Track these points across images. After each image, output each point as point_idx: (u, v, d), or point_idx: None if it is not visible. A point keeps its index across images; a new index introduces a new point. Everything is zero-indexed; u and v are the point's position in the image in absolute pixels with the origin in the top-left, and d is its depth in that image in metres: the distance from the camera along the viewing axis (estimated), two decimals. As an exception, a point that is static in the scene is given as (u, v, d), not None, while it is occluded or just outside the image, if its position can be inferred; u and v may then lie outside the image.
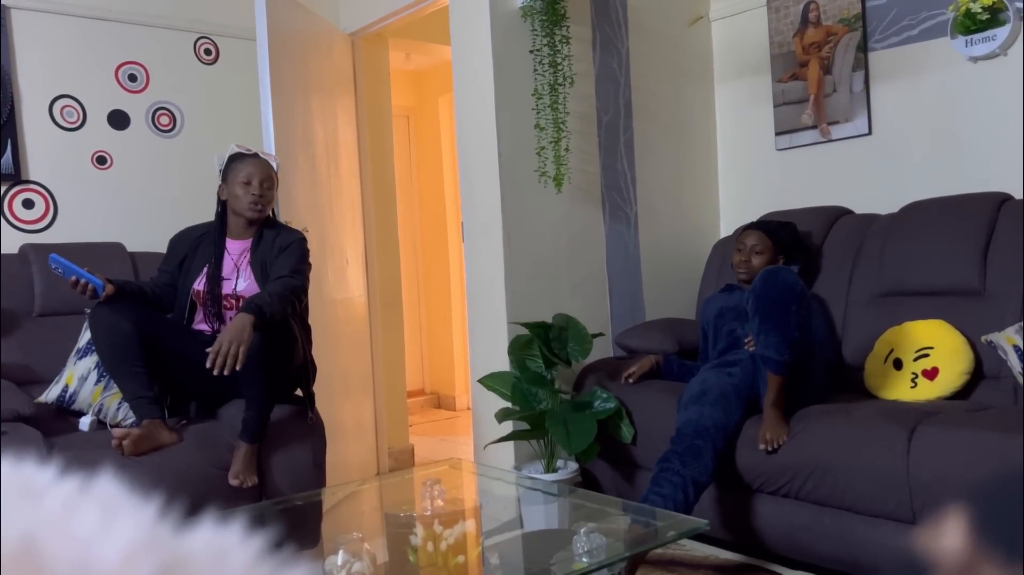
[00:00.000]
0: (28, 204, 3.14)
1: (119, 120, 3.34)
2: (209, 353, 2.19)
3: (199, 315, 2.59)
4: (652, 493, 2.22)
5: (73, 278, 2.32)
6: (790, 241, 2.77)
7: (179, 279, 2.60)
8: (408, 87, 5.57)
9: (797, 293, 2.28)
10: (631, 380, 2.76)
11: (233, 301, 2.56)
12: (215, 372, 2.14)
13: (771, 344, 2.24)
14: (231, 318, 2.54)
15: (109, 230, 3.25)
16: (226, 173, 2.59)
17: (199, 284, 2.56)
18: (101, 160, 3.30)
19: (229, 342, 2.15)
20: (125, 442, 2.25)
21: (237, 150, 2.62)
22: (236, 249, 2.61)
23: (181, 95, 3.48)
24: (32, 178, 3.15)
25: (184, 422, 2.51)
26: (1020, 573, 0.29)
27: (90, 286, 2.33)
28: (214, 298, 2.53)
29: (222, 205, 2.62)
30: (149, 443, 2.30)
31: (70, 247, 3.01)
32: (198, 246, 2.61)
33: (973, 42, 2.76)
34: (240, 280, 2.57)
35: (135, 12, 3.37)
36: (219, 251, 2.58)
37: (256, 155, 2.61)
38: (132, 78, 3.38)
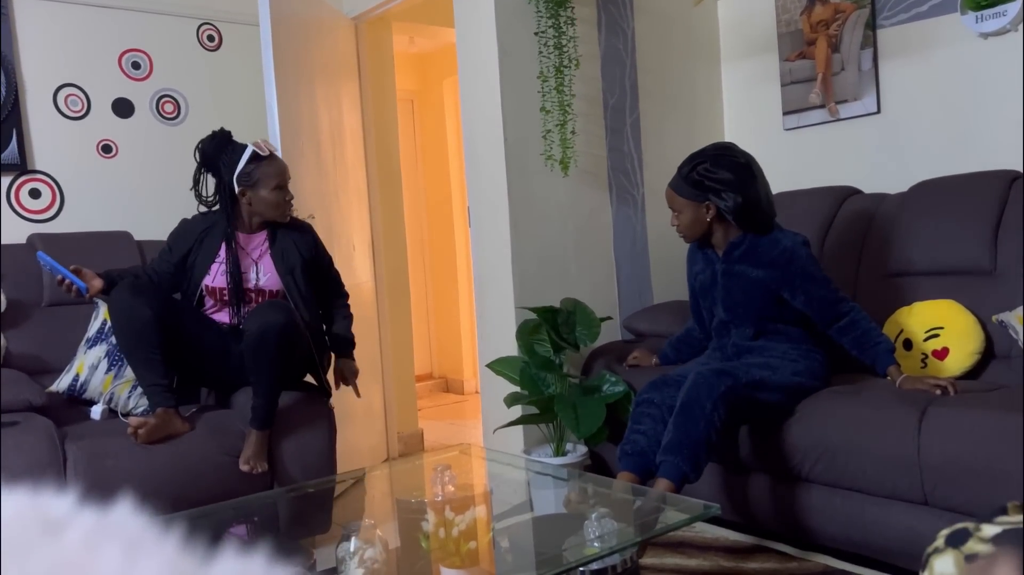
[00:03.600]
0: (35, 194, 3.14)
1: (123, 108, 3.34)
2: (238, 349, 2.38)
3: (208, 308, 2.60)
4: (633, 432, 2.23)
5: (59, 277, 2.35)
6: (702, 185, 2.37)
7: (183, 274, 2.58)
8: (412, 71, 5.54)
9: (810, 270, 2.33)
10: (627, 366, 2.78)
11: (253, 295, 2.56)
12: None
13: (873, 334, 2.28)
14: (251, 311, 2.55)
15: (116, 219, 3.26)
16: (249, 176, 2.51)
17: (212, 280, 2.55)
18: (106, 148, 3.29)
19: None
20: (140, 431, 2.27)
21: (256, 151, 2.54)
22: (250, 244, 2.60)
23: (185, 82, 3.47)
24: (38, 168, 3.15)
25: (195, 409, 2.53)
26: None
27: (75, 287, 2.36)
28: (239, 295, 2.54)
29: (233, 202, 2.56)
30: (163, 432, 2.32)
31: (77, 236, 3.02)
32: (203, 240, 2.58)
33: (983, 18, 2.73)
34: (260, 275, 2.57)
35: (137, -1, 3.36)
36: (233, 250, 2.55)
37: (273, 155, 2.57)
38: (135, 66, 3.37)
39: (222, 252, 2.56)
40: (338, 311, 2.74)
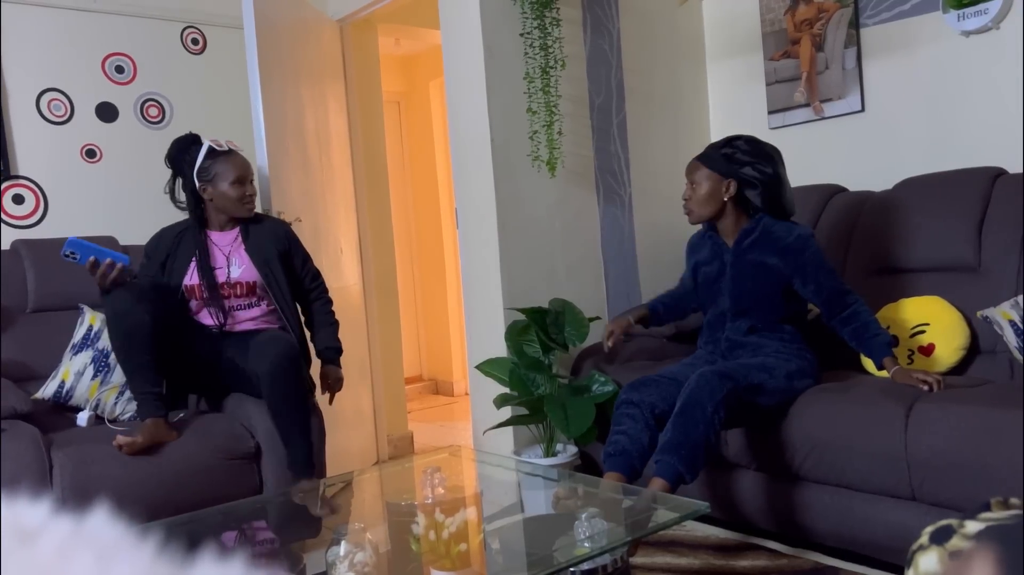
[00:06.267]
0: (18, 199, 3.12)
1: (107, 112, 3.32)
2: (228, 354, 2.46)
3: (192, 310, 2.58)
4: (615, 434, 2.24)
5: (91, 259, 2.25)
6: (732, 163, 2.38)
7: (163, 279, 2.56)
8: (398, 72, 5.54)
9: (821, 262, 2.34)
10: (609, 346, 2.62)
11: (229, 289, 2.56)
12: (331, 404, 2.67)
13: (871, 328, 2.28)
14: (232, 307, 2.56)
15: (100, 224, 3.24)
16: (207, 171, 2.54)
17: (190, 279, 2.55)
18: (91, 153, 3.27)
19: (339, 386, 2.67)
20: (125, 447, 2.26)
21: (213, 146, 2.56)
22: (223, 240, 2.60)
23: (169, 86, 3.45)
24: (21, 173, 3.13)
25: (181, 415, 2.51)
26: None
27: (117, 265, 2.28)
28: (212, 289, 2.52)
29: (199, 201, 2.57)
30: (150, 444, 2.31)
31: (62, 242, 2.98)
32: (179, 243, 2.58)
33: (965, 16, 2.75)
34: (233, 268, 2.57)
35: (120, 3, 3.34)
36: (203, 244, 2.56)
37: (232, 150, 2.58)
38: (119, 70, 3.35)
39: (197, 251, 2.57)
40: (323, 317, 2.72)
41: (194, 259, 2.55)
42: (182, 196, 2.63)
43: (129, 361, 2.35)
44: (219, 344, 2.53)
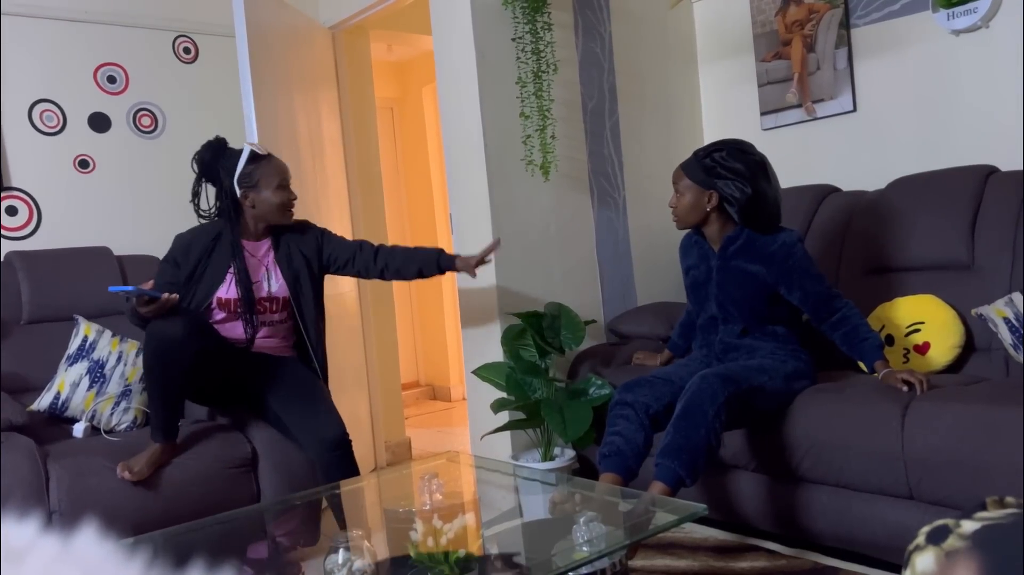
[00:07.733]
0: (11, 211, 3.11)
1: (100, 123, 3.31)
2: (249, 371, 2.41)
3: (217, 319, 2.47)
4: (609, 435, 2.23)
5: (144, 298, 2.22)
6: (714, 172, 2.34)
7: (189, 287, 2.44)
8: (391, 78, 5.54)
9: (808, 270, 2.33)
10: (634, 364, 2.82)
11: (267, 304, 2.48)
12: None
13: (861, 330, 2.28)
14: (263, 322, 2.49)
15: (94, 234, 3.23)
16: (249, 176, 2.43)
17: (226, 291, 2.43)
18: (84, 164, 3.27)
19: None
20: (130, 479, 2.25)
21: (254, 150, 2.46)
22: (257, 250, 2.51)
23: (162, 95, 3.45)
24: (14, 184, 3.12)
25: (178, 424, 2.50)
26: None
27: (171, 298, 2.25)
28: (249, 304, 2.44)
29: (236, 207, 2.47)
30: (153, 468, 2.30)
31: (56, 253, 2.99)
32: (212, 252, 2.45)
33: (955, 15, 2.76)
34: (272, 281, 2.49)
35: (111, 12, 3.33)
36: (241, 255, 2.45)
37: (271, 155, 2.50)
38: (111, 79, 3.34)
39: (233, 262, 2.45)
40: (399, 248, 2.63)
41: (230, 271, 2.43)
42: (205, 204, 2.51)
43: (160, 388, 2.27)
44: (243, 362, 2.46)
